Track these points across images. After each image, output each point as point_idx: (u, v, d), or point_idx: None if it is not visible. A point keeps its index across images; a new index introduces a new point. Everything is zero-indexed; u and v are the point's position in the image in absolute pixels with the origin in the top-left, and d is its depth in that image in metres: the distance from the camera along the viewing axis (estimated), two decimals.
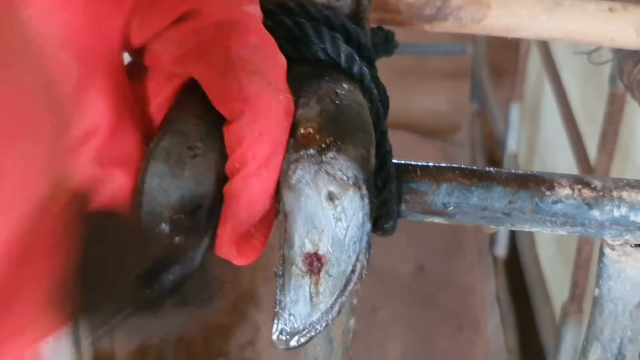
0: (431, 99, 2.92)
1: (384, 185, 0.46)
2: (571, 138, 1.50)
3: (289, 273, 0.41)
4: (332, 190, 0.40)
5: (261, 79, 0.41)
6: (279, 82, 0.42)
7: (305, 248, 0.41)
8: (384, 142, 0.46)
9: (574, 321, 1.45)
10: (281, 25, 0.46)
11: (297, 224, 0.41)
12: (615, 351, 0.51)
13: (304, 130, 0.42)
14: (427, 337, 2.04)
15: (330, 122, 0.42)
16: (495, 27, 0.61)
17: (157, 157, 0.41)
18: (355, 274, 0.41)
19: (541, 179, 0.47)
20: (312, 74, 0.45)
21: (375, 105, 0.46)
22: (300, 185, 0.41)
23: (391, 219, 0.47)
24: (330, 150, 0.41)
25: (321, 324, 0.41)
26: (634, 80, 0.67)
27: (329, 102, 0.43)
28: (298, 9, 0.47)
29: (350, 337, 0.55)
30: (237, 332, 2.01)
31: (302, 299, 0.41)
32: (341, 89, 0.44)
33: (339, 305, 0.41)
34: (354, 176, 0.40)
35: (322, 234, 0.41)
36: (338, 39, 0.46)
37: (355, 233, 0.40)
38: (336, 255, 0.41)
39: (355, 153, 0.41)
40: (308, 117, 0.42)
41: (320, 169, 0.40)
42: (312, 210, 0.41)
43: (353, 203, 0.40)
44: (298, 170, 0.41)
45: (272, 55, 0.42)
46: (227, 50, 0.41)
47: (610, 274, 0.49)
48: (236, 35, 0.42)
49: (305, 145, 0.41)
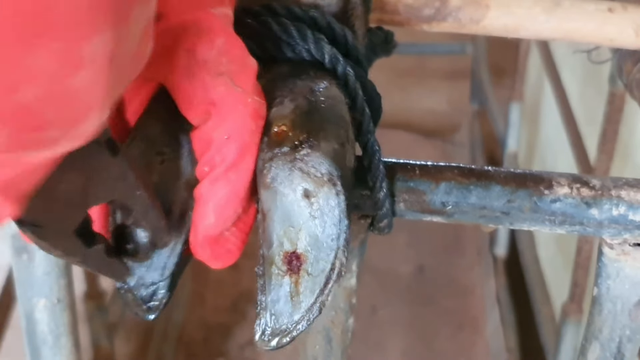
0: (431, 99, 2.92)
1: (374, 185, 0.46)
2: (571, 138, 1.50)
3: (268, 273, 0.41)
4: (307, 187, 0.40)
5: (227, 81, 0.40)
6: (246, 85, 0.41)
7: (284, 247, 0.40)
8: (371, 142, 0.46)
9: (574, 321, 1.45)
10: (266, 26, 0.46)
11: (275, 223, 0.40)
12: (614, 350, 0.51)
13: (277, 129, 0.41)
14: (427, 337, 2.04)
15: (304, 119, 0.42)
16: (495, 27, 0.61)
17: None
18: (334, 272, 0.40)
19: (540, 178, 0.47)
20: (289, 73, 0.45)
21: (360, 108, 0.46)
22: (276, 184, 0.40)
23: (385, 217, 0.47)
24: (304, 147, 0.40)
25: (303, 323, 0.41)
26: (633, 80, 0.67)
27: (303, 99, 0.43)
28: (283, 10, 0.47)
29: (349, 337, 0.55)
30: (237, 332, 2.02)
31: (283, 299, 0.41)
32: (317, 85, 0.44)
33: (319, 304, 0.40)
34: (328, 172, 0.40)
35: (300, 232, 0.40)
36: (322, 40, 0.46)
37: (333, 230, 0.40)
38: (314, 254, 0.40)
39: (327, 148, 0.40)
40: (281, 115, 0.42)
41: (294, 167, 0.40)
42: (288, 208, 0.40)
43: (329, 200, 0.40)
44: (272, 168, 0.40)
45: (239, 58, 0.42)
46: (192, 53, 0.40)
47: (609, 273, 0.49)
48: (202, 38, 0.41)
49: (279, 144, 0.41)
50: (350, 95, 0.46)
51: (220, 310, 2.09)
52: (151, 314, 0.42)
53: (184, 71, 0.41)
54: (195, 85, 0.40)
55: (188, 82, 0.41)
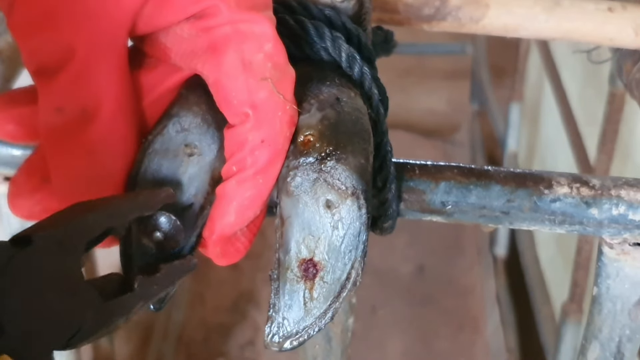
0: (431, 99, 2.92)
1: (383, 185, 0.46)
2: (571, 138, 1.50)
3: (284, 277, 0.41)
4: (330, 198, 0.41)
5: (270, 86, 0.41)
6: (286, 92, 0.42)
7: (301, 254, 0.41)
8: (384, 143, 0.46)
9: (574, 321, 1.45)
10: (283, 23, 0.46)
11: (294, 230, 0.41)
12: (614, 350, 0.51)
13: (304, 138, 0.42)
14: (427, 337, 2.04)
15: (331, 130, 0.42)
16: (494, 27, 0.61)
17: (155, 151, 0.41)
18: (349, 282, 0.41)
19: (539, 178, 0.47)
20: (313, 76, 0.45)
21: (375, 108, 0.46)
22: (299, 192, 0.41)
23: (390, 218, 0.47)
24: (330, 159, 0.41)
25: (314, 329, 0.41)
26: (633, 80, 0.67)
27: (330, 110, 0.43)
28: (300, 7, 0.47)
29: (349, 336, 0.55)
30: (237, 332, 2.01)
31: (296, 304, 0.41)
32: (342, 94, 0.44)
33: (332, 311, 0.41)
34: (352, 186, 0.41)
35: (319, 241, 0.41)
36: (339, 39, 0.46)
37: (352, 241, 0.41)
38: (332, 263, 0.41)
39: (354, 162, 0.41)
40: (309, 125, 0.42)
41: (320, 178, 0.41)
42: (309, 217, 0.41)
43: (351, 212, 0.41)
44: (297, 177, 0.41)
45: (283, 65, 0.42)
46: (240, 53, 0.41)
47: (609, 272, 0.49)
48: (252, 39, 0.41)
49: (305, 153, 0.41)
50: (366, 95, 0.46)
51: (220, 310, 2.09)
52: (156, 307, 0.42)
53: (230, 70, 0.41)
54: (238, 85, 0.41)
55: (231, 82, 0.41)
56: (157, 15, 0.41)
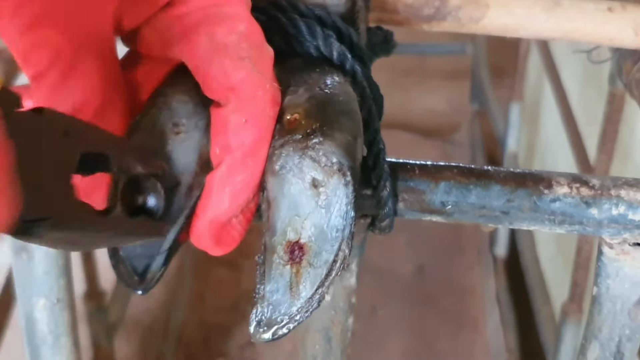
0: (431, 99, 2.92)
1: (378, 183, 0.46)
2: (571, 138, 1.50)
3: (269, 262, 0.40)
4: (316, 176, 0.39)
5: (249, 65, 0.41)
6: (266, 71, 0.41)
7: (287, 236, 0.40)
8: (377, 140, 0.46)
9: (574, 321, 1.45)
10: (274, 20, 0.46)
11: (280, 212, 0.40)
12: (613, 350, 0.51)
13: (290, 117, 0.41)
14: (427, 337, 2.04)
15: (318, 109, 0.41)
16: (494, 27, 0.61)
17: (141, 129, 0.41)
18: (337, 264, 0.40)
19: (539, 178, 0.47)
20: (302, 66, 0.45)
21: (367, 102, 0.46)
22: (284, 172, 0.40)
23: (387, 217, 0.47)
24: (316, 136, 0.40)
25: (301, 315, 0.40)
26: (633, 80, 0.67)
27: (318, 90, 0.42)
28: (289, 6, 0.47)
29: (349, 336, 0.55)
30: (237, 332, 2.01)
31: (282, 289, 0.40)
32: (331, 79, 0.44)
33: (319, 296, 0.40)
34: (338, 162, 0.39)
35: (305, 222, 0.40)
36: (330, 37, 0.46)
37: (339, 222, 0.39)
38: (318, 244, 0.40)
39: (341, 139, 0.40)
40: (295, 104, 0.42)
41: (305, 154, 0.40)
42: (295, 197, 0.40)
43: (337, 190, 0.39)
44: (282, 155, 0.40)
45: (259, 44, 0.42)
46: (212, 36, 0.41)
47: (609, 272, 0.49)
48: (224, 22, 0.41)
49: (291, 131, 0.41)
50: (358, 90, 0.46)
51: (220, 310, 2.09)
52: (143, 287, 0.41)
53: (205, 54, 0.41)
54: (215, 68, 0.41)
55: (207, 65, 0.41)
56: (133, 10, 0.41)
